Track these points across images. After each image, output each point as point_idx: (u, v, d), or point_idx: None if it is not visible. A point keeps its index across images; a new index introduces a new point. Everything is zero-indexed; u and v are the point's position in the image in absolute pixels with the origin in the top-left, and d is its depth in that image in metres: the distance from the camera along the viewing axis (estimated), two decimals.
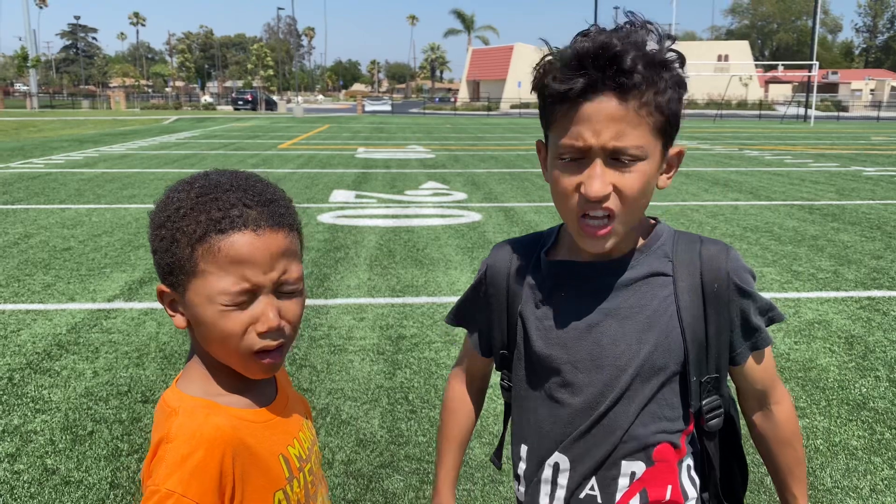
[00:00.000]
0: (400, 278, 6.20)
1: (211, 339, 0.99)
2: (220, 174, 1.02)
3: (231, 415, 1.00)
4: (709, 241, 1.18)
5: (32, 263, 6.57)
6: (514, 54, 64.53)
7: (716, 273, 1.13)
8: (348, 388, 3.92)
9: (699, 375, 1.15)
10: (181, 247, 0.96)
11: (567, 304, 1.17)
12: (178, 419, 0.96)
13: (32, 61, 56.24)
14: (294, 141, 23.06)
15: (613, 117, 1.00)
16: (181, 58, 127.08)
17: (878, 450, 3.32)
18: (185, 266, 0.96)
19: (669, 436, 1.16)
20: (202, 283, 0.96)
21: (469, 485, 3.00)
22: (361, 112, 54.49)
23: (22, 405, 3.69)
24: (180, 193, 1.00)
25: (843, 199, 11.11)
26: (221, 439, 0.95)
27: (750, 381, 1.21)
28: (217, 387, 1.03)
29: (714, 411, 1.18)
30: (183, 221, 0.96)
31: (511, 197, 11.07)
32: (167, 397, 1.02)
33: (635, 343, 1.12)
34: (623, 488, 1.15)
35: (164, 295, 1.02)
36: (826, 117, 50.21)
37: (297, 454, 1.07)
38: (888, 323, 5.12)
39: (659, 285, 1.14)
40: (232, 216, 0.95)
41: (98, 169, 14.18)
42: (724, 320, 1.14)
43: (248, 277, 0.95)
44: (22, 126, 29.33)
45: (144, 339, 4.64)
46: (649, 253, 1.15)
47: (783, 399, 1.25)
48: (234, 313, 0.96)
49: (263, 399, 1.07)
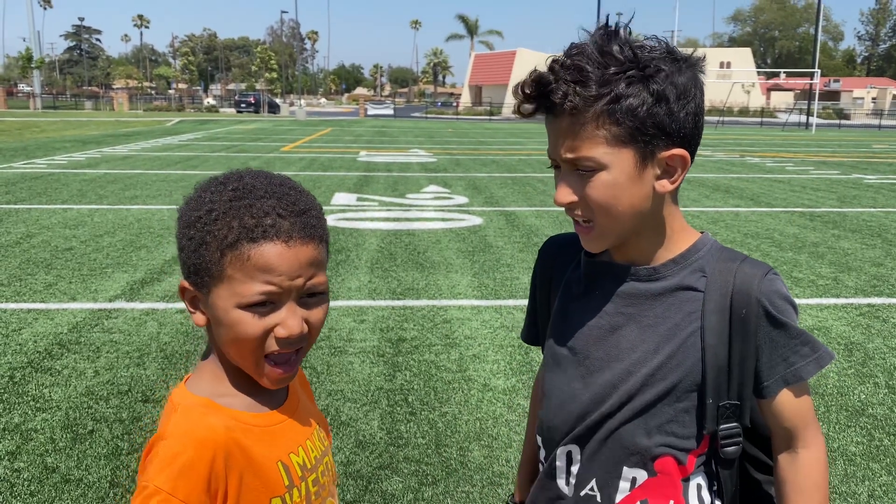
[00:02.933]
0: (401, 281, 6.21)
1: (229, 340, 0.98)
2: (255, 177, 1.01)
3: (228, 416, 0.99)
4: (751, 262, 1.13)
5: (34, 263, 6.58)
6: (517, 59, 64.62)
7: (745, 297, 1.09)
8: (348, 389, 3.93)
9: (717, 399, 1.12)
10: (210, 250, 0.95)
11: (596, 302, 1.19)
12: (176, 417, 0.97)
13: (36, 62, 56.42)
14: (296, 144, 23.10)
15: (564, 132, 1.07)
16: (184, 60, 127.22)
17: (876, 456, 3.33)
18: (212, 269, 0.96)
19: (675, 451, 1.14)
20: (227, 287, 0.95)
21: (468, 487, 3.01)
22: (364, 116, 54.58)
23: (23, 403, 3.70)
24: (213, 194, 0.98)
25: (844, 206, 11.12)
26: (213, 440, 0.95)
27: (777, 417, 1.14)
28: (225, 387, 1.02)
29: (731, 439, 1.14)
30: (214, 225, 0.95)
31: (512, 201, 11.09)
32: (173, 394, 1.02)
33: (651, 352, 1.13)
34: (623, 492, 1.15)
35: (186, 292, 1.02)
36: (828, 125, 50.26)
37: (300, 462, 1.05)
38: (888, 330, 5.12)
39: (687, 300, 1.13)
40: (265, 225, 0.94)
41: (100, 170, 14.20)
42: (750, 348, 1.10)
43: (274, 283, 0.95)
44: (25, 126, 29.39)
45: (145, 339, 4.65)
46: (684, 265, 1.14)
47: (814, 444, 1.15)
48: (255, 318, 0.95)
49: (272, 402, 1.06)
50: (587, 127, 1.04)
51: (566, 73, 1.03)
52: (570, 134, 1.06)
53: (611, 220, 1.09)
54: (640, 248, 1.15)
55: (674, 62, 1.05)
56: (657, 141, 1.06)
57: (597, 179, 1.07)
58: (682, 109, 1.05)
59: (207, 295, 0.98)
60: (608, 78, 1.02)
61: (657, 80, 1.03)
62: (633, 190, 1.07)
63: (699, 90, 1.08)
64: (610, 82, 1.02)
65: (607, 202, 1.08)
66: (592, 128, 1.04)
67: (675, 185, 1.10)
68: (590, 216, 1.10)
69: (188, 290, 1.01)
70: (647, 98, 1.03)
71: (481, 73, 72.57)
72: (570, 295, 1.24)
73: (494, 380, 4.13)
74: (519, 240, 8.09)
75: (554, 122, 1.08)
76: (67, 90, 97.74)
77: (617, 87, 1.02)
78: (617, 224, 1.10)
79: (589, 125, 1.04)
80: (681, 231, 1.16)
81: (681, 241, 1.16)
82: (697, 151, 1.13)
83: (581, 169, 1.07)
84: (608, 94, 1.02)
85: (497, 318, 5.25)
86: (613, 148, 1.05)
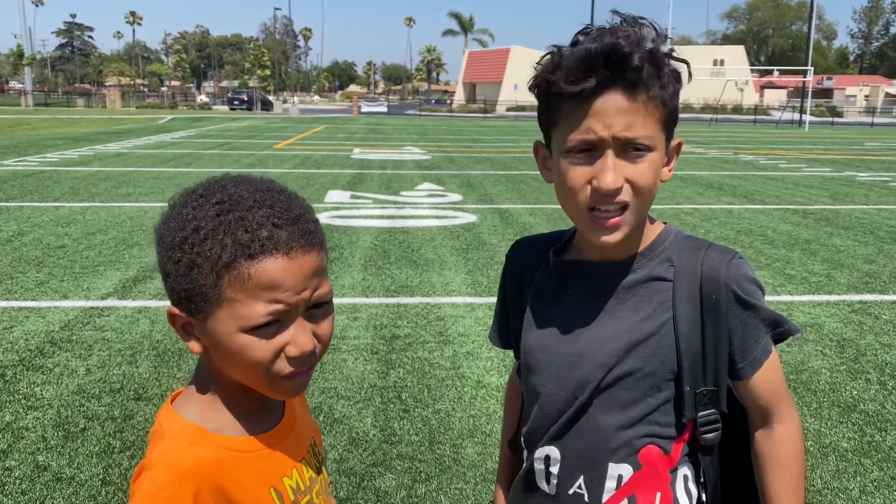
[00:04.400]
0: (394, 279, 6.21)
1: (234, 366, 0.92)
2: (238, 184, 0.92)
3: (219, 445, 0.93)
4: (716, 248, 1.15)
5: (26, 261, 6.55)
6: (511, 57, 64.63)
7: (714, 283, 1.11)
8: (341, 387, 3.92)
9: (694, 387, 1.13)
10: (204, 273, 0.87)
11: (568, 301, 1.19)
12: (162, 445, 0.91)
13: (28, 59, 56.11)
14: (290, 141, 23.05)
15: (623, 111, 1.02)
16: (177, 57, 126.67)
17: (868, 452, 3.34)
18: (209, 294, 0.88)
19: (658, 440, 1.15)
20: (228, 311, 0.88)
21: (461, 484, 3.01)
22: (357, 113, 54.47)
23: (14, 402, 3.69)
24: (196, 210, 0.89)
25: (836, 203, 11.16)
26: (200, 472, 0.89)
27: (753, 396, 1.16)
28: (217, 411, 0.96)
29: (710, 425, 1.15)
30: (204, 245, 0.87)
31: (506, 199, 11.09)
32: (161, 416, 0.96)
33: (625, 345, 1.13)
34: (610, 490, 1.15)
35: (177, 318, 0.93)
36: (820, 123, 50.43)
37: (293, 486, 1.00)
38: (879, 326, 5.14)
39: (657, 290, 1.13)
40: (262, 238, 0.87)
41: (92, 167, 14.15)
42: (723, 333, 1.11)
43: (281, 300, 0.88)
44: (17, 124, 29.24)
45: (137, 337, 4.64)
46: (652, 256, 1.15)
47: (788, 419, 1.18)
48: (262, 341, 0.89)
49: (267, 422, 1.00)
50: (646, 106, 1.04)
51: (635, 46, 1.02)
52: (627, 112, 1.03)
53: (646, 205, 1.09)
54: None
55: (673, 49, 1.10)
56: (672, 129, 1.10)
57: (647, 160, 1.06)
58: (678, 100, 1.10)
59: (204, 321, 0.90)
60: (661, 56, 1.05)
61: (674, 71, 1.07)
62: (659, 175, 1.10)
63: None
64: (663, 66, 1.05)
65: (652, 185, 1.08)
66: (651, 107, 1.04)
67: (672, 172, 1.14)
68: (629, 202, 1.06)
69: (179, 316, 0.92)
70: (675, 87, 1.06)
71: (475, 70, 72.53)
72: (542, 296, 1.23)
73: (488, 377, 4.13)
74: (513, 237, 8.09)
75: (608, 98, 1.03)
76: (59, 87, 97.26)
77: (666, 71, 1.05)
78: (645, 209, 1.11)
79: (647, 104, 1.04)
80: (648, 223, 1.18)
81: (648, 233, 1.17)
82: (689, 148, 1.15)
83: (635, 148, 1.05)
84: (664, 75, 1.04)
85: (491, 315, 5.24)
86: (659, 130, 1.07)
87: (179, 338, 4.30)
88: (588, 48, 1.02)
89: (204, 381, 0.98)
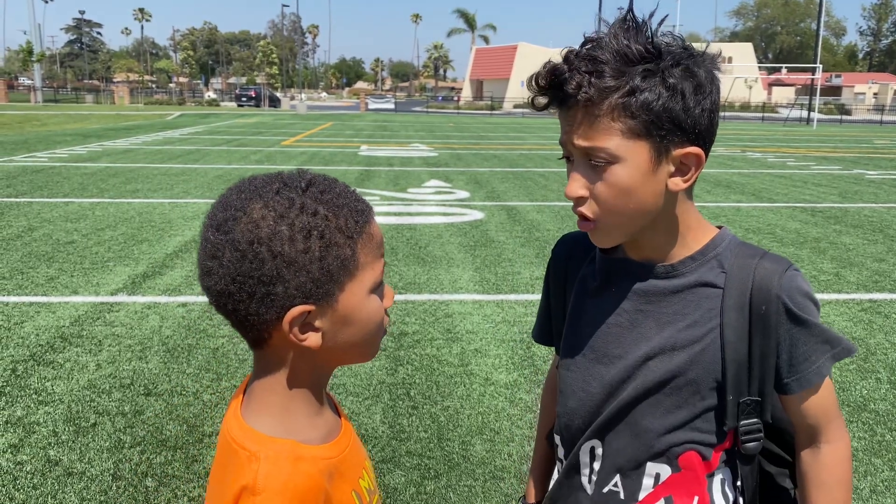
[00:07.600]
0: (402, 275, 6.21)
1: (361, 334, 0.92)
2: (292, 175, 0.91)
3: (316, 457, 0.90)
4: (770, 257, 1.11)
5: (36, 256, 6.58)
6: (518, 54, 64.51)
7: (765, 294, 1.07)
8: (350, 383, 3.93)
9: (737, 396, 1.10)
10: (341, 247, 0.86)
11: (613, 299, 1.17)
12: (263, 467, 0.85)
13: (37, 56, 56.29)
14: (297, 138, 23.08)
15: (580, 122, 1.04)
16: (185, 54, 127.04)
17: (878, 451, 3.33)
18: (348, 265, 0.87)
19: (699, 447, 1.13)
20: (360, 277, 0.89)
21: (470, 481, 3.01)
22: (364, 110, 54.50)
23: (25, 397, 3.71)
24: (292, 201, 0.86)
25: (845, 201, 11.11)
26: (314, 489, 0.86)
27: (800, 414, 1.13)
28: (297, 419, 0.92)
29: (751, 434, 1.13)
30: (329, 221, 0.86)
31: (514, 196, 11.08)
32: (238, 437, 0.89)
33: (669, 347, 1.11)
34: (647, 489, 1.14)
35: (297, 318, 0.86)
36: (829, 120, 50.16)
37: (367, 487, 0.99)
38: (889, 325, 5.12)
39: (705, 296, 1.11)
40: (362, 202, 0.92)
41: (101, 163, 14.20)
42: (770, 345, 1.08)
43: (384, 254, 0.94)
44: (26, 120, 29.37)
45: (147, 333, 4.66)
46: (703, 261, 1.13)
47: (838, 439, 1.13)
48: (377, 298, 0.93)
49: (331, 425, 0.98)
50: (602, 119, 1.02)
51: (581, 64, 1.01)
52: (583, 124, 1.03)
53: (616, 217, 1.06)
54: (655, 246, 1.13)
55: (690, 57, 1.03)
56: (672, 136, 1.03)
57: (610, 172, 1.04)
58: (697, 105, 1.02)
59: (332, 303, 0.88)
60: (624, 70, 1.00)
61: (673, 75, 1.01)
62: (646, 186, 1.05)
63: (715, 87, 1.05)
64: (625, 74, 1.00)
65: (617, 198, 1.05)
66: (608, 120, 1.02)
67: (689, 183, 1.08)
68: (590, 214, 1.07)
69: (301, 313, 0.86)
70: (662, 92, 1.01)
71: (482, 67, 72.44)
72: (585, 290, 1.22)
73: (496, 374, 4.13)
74: (520, 234, 8.09)
75: (567, 113, 1.05)
76: (68, 83, 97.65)
77: (633, 80, 1.00)
78: (622, 221, 1.07)
79: (604, 117, 1.02)
80: (697, 227, 1.14)
81: (698, 237, 1.14)
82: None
83: (594, 160, 1.05)
84: (624, 86, 1.00)
85: (499, 312, 5.25)
86: (628, 141, 1.03)
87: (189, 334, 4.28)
88: (540, 69, 1.06)
89: (269, 389, 0.93)
